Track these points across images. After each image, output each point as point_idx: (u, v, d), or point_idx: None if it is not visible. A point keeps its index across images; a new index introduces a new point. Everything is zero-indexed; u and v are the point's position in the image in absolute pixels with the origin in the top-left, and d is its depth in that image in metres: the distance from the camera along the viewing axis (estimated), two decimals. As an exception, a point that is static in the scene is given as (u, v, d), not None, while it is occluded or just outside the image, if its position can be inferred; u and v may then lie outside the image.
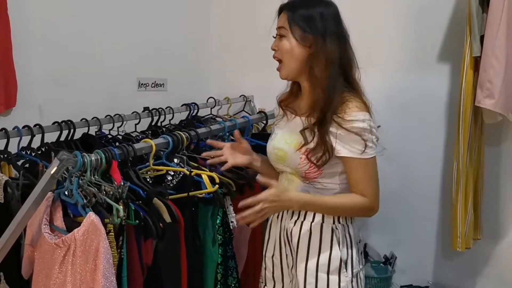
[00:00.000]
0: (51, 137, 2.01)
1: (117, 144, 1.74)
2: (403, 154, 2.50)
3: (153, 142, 1.66)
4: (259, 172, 1.74)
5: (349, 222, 1.57)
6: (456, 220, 2.18)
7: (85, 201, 1.38)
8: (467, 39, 2.09)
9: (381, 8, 2.53)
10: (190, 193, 1.64)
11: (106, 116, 2.25)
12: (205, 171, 1.72)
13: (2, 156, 1.81)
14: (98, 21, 2.45)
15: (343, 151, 1.47)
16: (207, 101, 2.78)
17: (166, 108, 2.48)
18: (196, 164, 1.78)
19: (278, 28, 1.57)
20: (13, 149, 1.87)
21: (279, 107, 1.69)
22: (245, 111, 2.91)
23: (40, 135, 1.95)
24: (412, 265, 2.56)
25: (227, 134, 2.02)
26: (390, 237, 2.61)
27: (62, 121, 2.05)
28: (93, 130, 2.20)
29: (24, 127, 1.92)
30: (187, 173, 1.69)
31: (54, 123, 2.04)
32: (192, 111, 2.61)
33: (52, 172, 1.34)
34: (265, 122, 2.30)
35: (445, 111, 2.44)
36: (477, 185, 2.25)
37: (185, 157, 1.76)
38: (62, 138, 2.04)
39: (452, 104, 2.38)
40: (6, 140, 1.84)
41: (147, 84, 2.74)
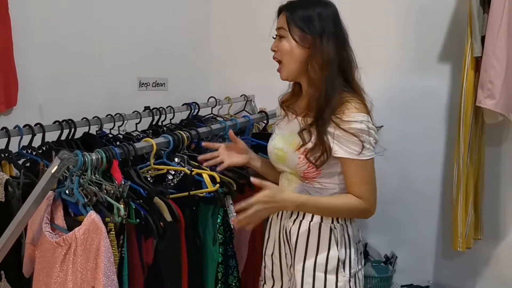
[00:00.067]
0: (52, 136, 2.02)
1: (118, 143, 1.75)
2: (404, 154, 2.50)
3: (154, 141, 1.66)
4: (259, 172, 1.75)
5: (348, 222, 1.57)
6: (457, 220, 2.18)
7: (86, 200, 1.38)
8: (468, 40, 2.09)
9: (381, 8, 2.53)
10: (191, 192, 1.65)
11: (107, 116, 2.25)
12: (206, 170, 1.72)
13: (3, 155, 1.81)
14: (99, 21, 2.45)
15: (340, 152, 1.47)
16: (208, 101, 2.78)
17: (167, 108, 2.48)
18: (197, 164, 1.79)
19: (278, 29, 1.57)
20: (14, 148, 1.87)
21: (281, 108, 1.69)
22: (246, 111, 2.91)
23: (41, 134, 1.96)
24: (413, 265, 2.55)
25: (227, 134, 2.02)
26: (391, 237, 2.61)
27: (63, 120, 2.05)
28: (94, 129, 2.19)
29: (25, 126, 1.93)
30: (188, 172, 1.69)
31: (55, 122, 2.04)
32: (193, 111, 2.61)
33: (53, 171, 1.34)
34: (266, 122, 2.30)
35: (446, 111, 2.43)
36: (478, 185, 2.25)
37: (186, 157, 1.76)
38: (63, 137, 2.04)
39: (453, 105, 2.38)
40: (7, 139, 1.84)
41: (148, 84, 2.74)
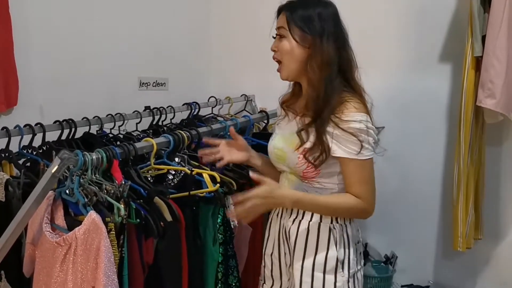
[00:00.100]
0: (52, 136, 2.02)
1: (118, 143, 1.75)
2: (404, 154, 2.50)
3: (154, 141, 1.66)
4: (259, 170, 1.75)
5: (347, 222, 1.57)
6: (457, 220, 2.18)
7: (86, 200, 1.38)
8: (469, 39, 2.09)
9: (381, 8, 2.53)
10: (191, 192, 1.64)
11: (107, 115, 2.25)
12: (206, 170, 1.72)
13: (4, 155, 1.81)
14: (99, 21, 2.45)
15: (339, 152, 1.47)
16: (208, 101, 2.78)
17: (167, 107, 2.48)
18: (197, 163, 1.79)
19: (278, 29, 1.56)
20: (14, 148, 1.87)
21: (281, 108, 1.69)
22: (246, 111, 2.91)
23: (41, 134, 1.96)
24: (413, 265, 2.55)
25: (228, 133, 2.02)
26: (391, 237, 2.61)
27: (63, 120, 2.05)
28: (94, 129, 2.19)
29: (25, 126, 1.92)
30: (188, 172, 1.69)
31: (55, 122, 2.04)
32: (193, 111, 2.61)
33: (53, 171, 1.34)
34: (266, 122, 2.30)
35: (446, 111, 2.43)
36: (478, 185, 2.25)
37: (186, 156, 1.76)
38: (63, 137, 2.04)
39: (453, 104, 2.38)
40: (8, 139, 1.84)
41: (148, 84, 2.74)
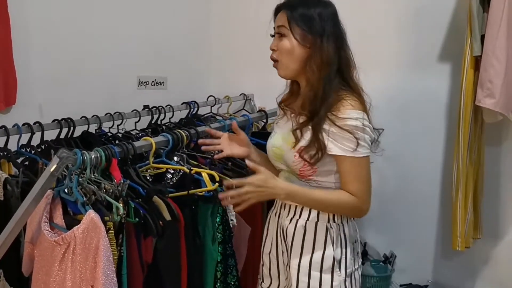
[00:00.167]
0: (51, 135, 2.01)
1: (117, 142, 1.74)
2: (403, 154, 2.50)
3: (153, 140, 1.66)
4: None
5: (344, 222, 1.57)
6: (456, 220, 2.18)
7: (85, 199, 1.37)
8: (468, 39, 2.09)
9: (381, 8, 2.53)
10: (190, 191, 1.64)
11: (106, 114, 2.25)
12: (205, 169, 1.72)
13: (2, 154, 1.81)
14: (98, 21, 2.44)
15: (335, 149, 1.47)
16: (207, 100, 2.78)
17: (166, 106, 2.48)
18: (196, 162, 1.78)
19: (278, 27, 1.55)
20: (13, 147, 1.87)
21: (279, 108, 1.69)
22: (245, 110, 2.91)
23: (40, 133, 1.95)
24: (412, 264, 2.55)
25: (228, 131, 2.02)
26: (390, 236, 2.61)
27: (62, 119, 2.05)
28: (93, 128, 2.19)
29: (24, 125, 1.92)
30: (187, 171, 1.69)
31: (54, 121, 2.04)
32: (192, 110, 2.61)
33: (52, 170, 1.33)
34: (265, 121, 2.30)
35: (445, 111, 2.44)
36: (477, 185, 2.25)
37: (185, 155, 1.76)
38: (62, 136, 2.04)
39: (452, 104, 2.38)
40: (6, 138, 1.84)
41: (147, 83, 2.74)
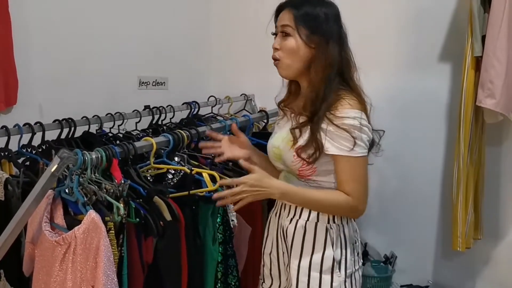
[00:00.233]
0: (52, 135, 2.01)
1: (118, 142, 1.74)
2: (403, 154, 2.50)
3: (154, 141, 1.66)
4: None
5: (344, 222, 1.56)
6: (457, 220, 2.18)
7: (86, 199, 1.37)
8: (469, 39, 2.09)
9: (381, 8, 2.53)
10: (191, 192, 1.64)
11: (107, 115, 2.25)
12: (206, 170, 1.72)
13: (3, 154, 1.81)
14: (99, 21, 2.44)
15: (332, 149, 1.46)
16: (208, 100, 2.78)
17: (167, 107, 2.48)
18: (197, 163, 1.78)
19: (282, 26, 1.53)
20: (14, 147, 1.87)
21: (278, 108, 1.69)
22: (246, 110, 2.91)
23: (41, 133, 1.95)
24: (412, 265, 2.56)
25: (228, 133, 2.02)
26: (391, 237, 2.61)
27: (63, 119, 2.05)
28: (94, 128, 2.19)
29: (25, 125, 1.92)
30: (188, 172, 1.69)
31: (55, 121, 2.04)
32: (193, 110, 2.61)
33: (53, 170, 1.34)
34: (266, 121, 2.30)
35: (446, 111, 2.44)
36: (478, 185, 2.25)
37: (186, 156, 1.76)
38: (63, 136, 2.04)
39: (453, 104, 2.38)
40: (7, 138, 1.84)
41: (148, 83, 2.74)
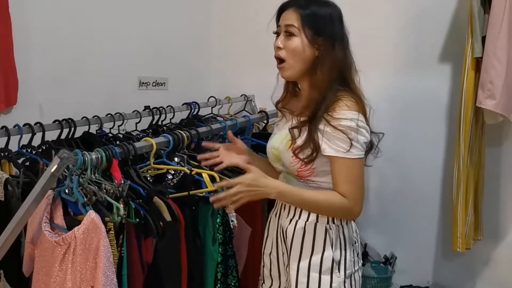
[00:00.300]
0: (52, 135, 2.02)
1: (118, 143, 1.74)
2: (403, 155, 2.50)
3: (154, 141, 1.66)
4: None
5: (344, 223, 1.56)
6: (457, 221, 2.18)
7: (86, 200, 1.37)
8: (469, 40, 2.09)
9: (381, 8, 2.53)
10: (191, 192, 1.64)
11: (107, 115, 2.25)
12: (206, 170, 1.72)
13: (3, 154, 1.81)
14: (99, 21, 2.45)
15: (328, 150, 1.46)
16: (208, 100, 2.78)
17: (167, 107, 2.48)
18: (197, 163, 1.78)
19: (286, 26, 1.52)
20: (14, 147, 1.87)
21: (277, 109, 1.69)
22: (246, 111, 2.91)
23: (41, 133, 1.96)
24: (412, 265, 2.55)
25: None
26: (390, 237, 2.61)
27: (63, 119, 2.05)
28: (94, 129, 2.19)
29: (25, 125, 1.93)
30: (188, 172, 1.69)
31: (55, 121, 2.04)
32: (193, 110, 2.61)
33: (53, 170, 1.34)
34: (266, 122, 2.29)
35: (446, 112, 2.44)
36: (478, 186, 2.25)
37: (186, 156, 1.76)
38: (63, 137, 2.04)
39: (453, 105, 2.38)
40: (7, 138, 1.84)
41: (148, 83, 2.74)
